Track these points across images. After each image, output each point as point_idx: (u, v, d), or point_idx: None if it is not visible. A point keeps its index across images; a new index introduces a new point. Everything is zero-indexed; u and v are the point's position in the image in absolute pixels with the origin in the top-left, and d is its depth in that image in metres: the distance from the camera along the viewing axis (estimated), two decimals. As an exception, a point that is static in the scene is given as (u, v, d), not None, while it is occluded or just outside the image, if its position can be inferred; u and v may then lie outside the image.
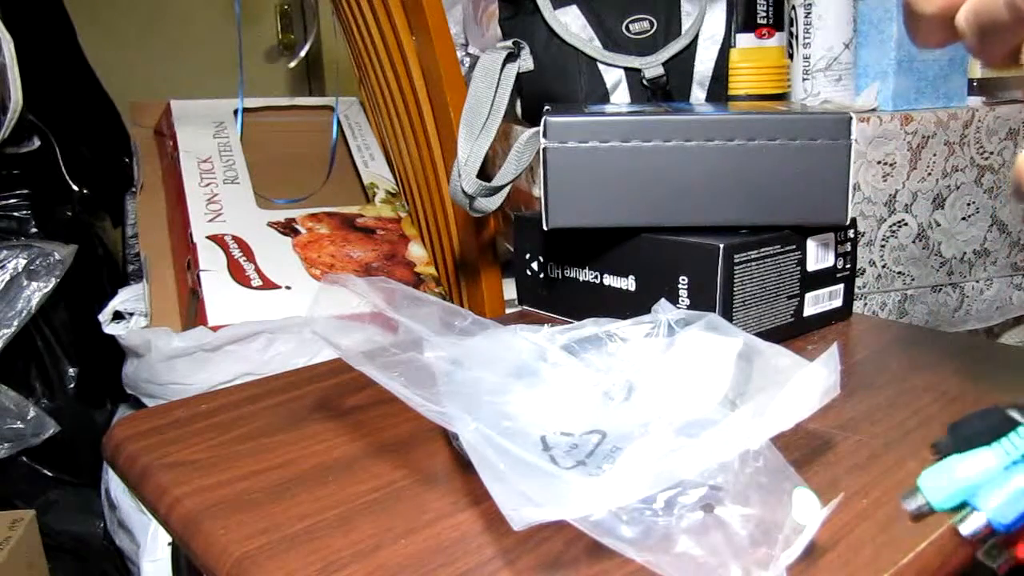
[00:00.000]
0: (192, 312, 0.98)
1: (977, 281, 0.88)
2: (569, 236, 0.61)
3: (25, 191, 1.21)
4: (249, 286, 0.98)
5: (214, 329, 0.90)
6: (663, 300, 0.45)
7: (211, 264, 0.99)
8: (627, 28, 0.84)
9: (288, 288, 0.99)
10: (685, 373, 0.40)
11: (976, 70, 0.89)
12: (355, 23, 1.09)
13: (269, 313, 0.93)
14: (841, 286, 0.61)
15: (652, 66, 0.84)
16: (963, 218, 0.85)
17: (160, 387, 0.92)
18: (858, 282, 0.82)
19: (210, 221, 1.06)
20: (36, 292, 1.09)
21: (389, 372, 0.36)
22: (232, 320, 0.92)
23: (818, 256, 0.59)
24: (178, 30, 2.00)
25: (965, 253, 0.86)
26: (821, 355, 0.33)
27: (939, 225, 0.84)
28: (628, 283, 0.59)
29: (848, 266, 0.61)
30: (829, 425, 0.44)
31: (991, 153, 0.84)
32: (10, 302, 1.08)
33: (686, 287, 0.55)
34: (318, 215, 1.13)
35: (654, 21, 0.85)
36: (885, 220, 0.82)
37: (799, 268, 0.58)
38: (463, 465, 0.42)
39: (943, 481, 0.34)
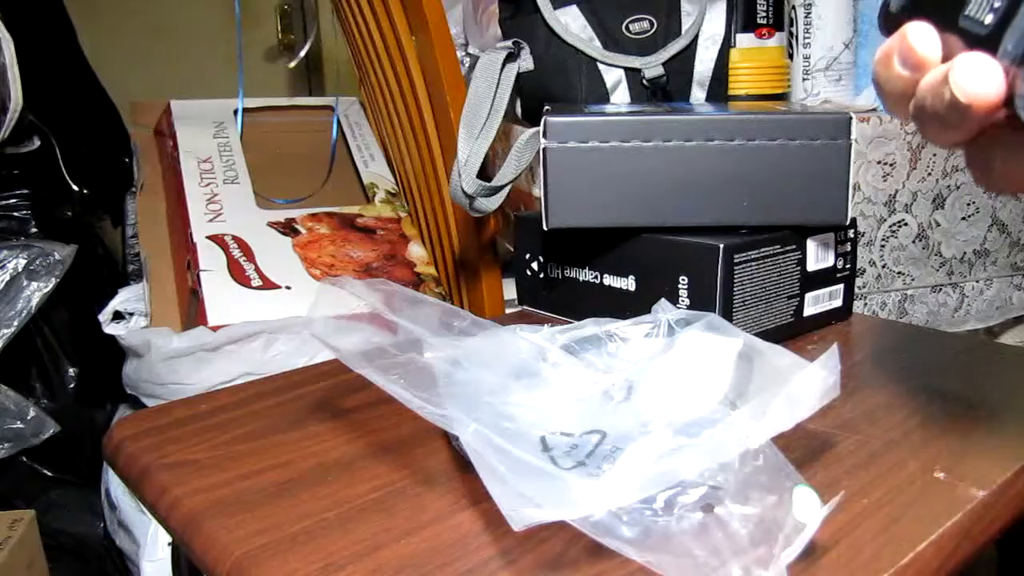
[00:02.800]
0: (192, 312, 0.98)
1: (977, 281, 0.88)
2: (569, 236, 0.61)
3: (25, 191, 1.21)
4: (249, 286, 0.98)
5: (214, 329, 0.90)
6: (663, 300, 0.45)
7: (211, 264, 0.99)
8: (627, 28, 0.84)
9: (288, 288, 0.99)
10: (685, 373, 0.40)
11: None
12: (355, 23, 1.09)
13: (269, 313, 0.93)
14: (841, 286, 0.61)
15: (652, 66, 0.84)
16: (963, 218, 0.85)
17: (160, 387, 0.92)
18: (858, 282, 0.82)
19: (210, 221, 1.06)
20: (36, 292, 1.09)
21: (388, 374, 0.36)
22: (232, 320, 0.92)
23: (818, 256, 0.59)
24: (178, 30, 2.00)
25: (965, 253, 0.86)
26: (821, 355, 0.33)
27: (939, 225, 0.84)
28: (628, 283, 0.59)
29: (848, 266, 0.61)
30: (829, 425, 0.44)
31: (991, 153, 0.84)
32: (10, 302, 1.08)
33: (686, 287, 0.55)
34: (318, 215, 1.13)
35: (654, 21, 0.85)
36: (885, 220, 0.82)
37: (799, 268, 0.58)
38: (463, 465, 0.42)
39: None
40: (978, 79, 0.26)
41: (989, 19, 0.26)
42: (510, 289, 0.78)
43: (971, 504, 0.37)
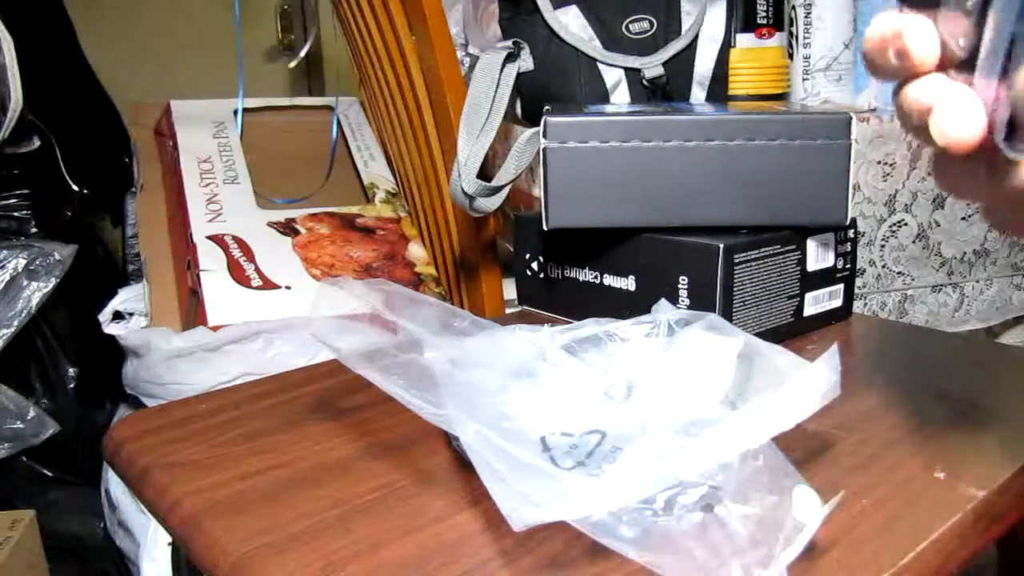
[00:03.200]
0: (192, 312, 0.98)
1: (977, 281, 0.88)
2: (569, 236, 0.61)
3: (25, 191, 1.21)
4: (249, 286, 0.98)
5: (214, 329, 0.90)
6: (663, 300, 0.45)
7: (211, 264, 0.99)
8: (627, 28, 0.84)
9: (288, 288, 0.99)
10: (685, 373, 0.40)
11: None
12: (355, 23, 1.09)
13: (269, 313, 0.93)
14: (841, 286, 0.61)
15: (652, 66, 0.84)
16: (963, 218, 0.85)
17: (160, 387, 0.92)
18: (858, 282, 0.81)
19: (210, 221, 1.06)
20: (36, 292, 1.09)
21: (388, 374, 0.36)
22: (232, 320, 0.92)
23: (818, 256, 0.59)
24: (178, 30, 2.00)
25: (965, 253, 0.86)
26: (821, 355, 0.33)
27: (939, 225, 0.84)
28: (628, 283, 0.58)
29: (848, 266, 0.61)
30: (829, 425, 0.44)
31: (991, 153, 0.84)
32: (10, 302, 1.08)
33: (686, 287, 0.55)
34: (318, 215, 1.13)
35: (654, 21, 0.85)
36: (885, 220, 0.82)
37: (799, 268, 0.58)
38: (463, 465, 0.42)
39: None
40: (959, 124, 0.25)
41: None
42: (510, 289, 0.78)
43: (971, 504, 0.37)
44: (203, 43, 1.98)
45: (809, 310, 0.59)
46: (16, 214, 1.20)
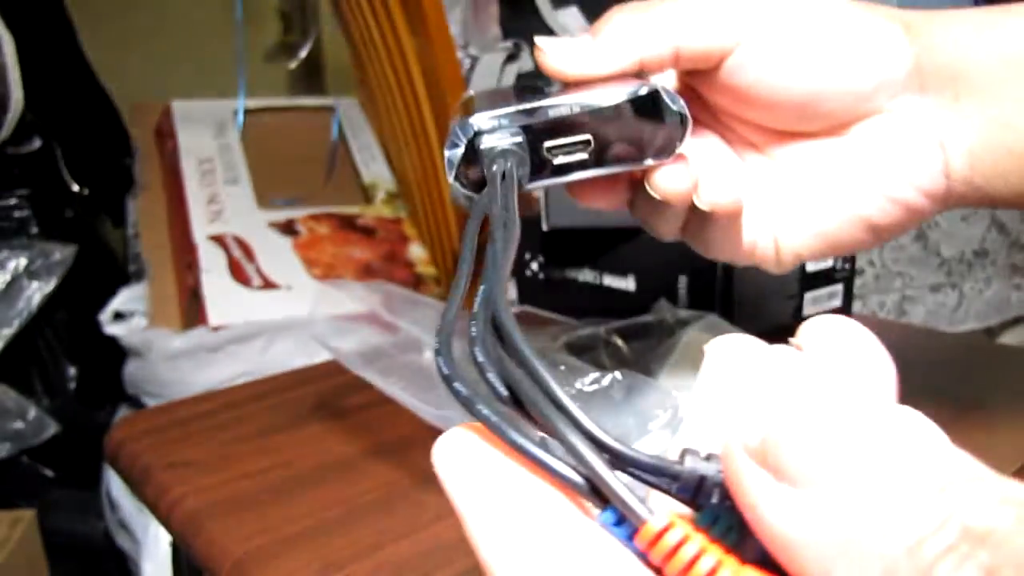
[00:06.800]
0: (192, 312, 0.98)
1: (976, 281, 0.88)
2: (569, 236, 0.61)
3: (25, 191, 1.21)
4: (249, 286, 0.98)
5: (214, 329, 0.91)
6: (663, 300, 0.45)
7: (211, 264, 0.99)
8: (627, 28, 0.84)
9: (288, 288, 0.99)
10: (684, 373, 0.40)
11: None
12: (355, 24, 1.09)
13: (269, 313, 0.93)
14: (840, 286, 0.62)
15: (652, 66, 0.84)
16: (962, 218, 0.85)
17: (161, 387, 0.92)
18: (858, 282, 0.82)
19: (211, 221, 1.06)
20: (36, 292, 1.09)
21: (388, 376, 0.36)
22: (232, 320, 0.92)
23: (818, 256, 0.59)
24: (178, 30, 2.00)
25: (964, 253, 0.86)
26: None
27: (938, 225, 0.84)
28: (628, 283, 0.59)
29: (848, 266, 0.61)
30: (828, 425, 0.44)
31: (991, 153, 0.84)
32: (10, 302, 1.08)
33: (686, 287, 0.55)
34: (318, 215, 1.13)
35: (654, 21, 0.85)
36: (885, 220, 0.82)
37: (799, 268, 0.58)
38: (463, 465, 0.42)
39: None
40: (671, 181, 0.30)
41: None
42: (510, 289, 0.78)
43: (970, 504, 0.37)
44: (203, 43, 1.98)
45: (809, 310, 0.60)
46: (16, 214, 1.20)
